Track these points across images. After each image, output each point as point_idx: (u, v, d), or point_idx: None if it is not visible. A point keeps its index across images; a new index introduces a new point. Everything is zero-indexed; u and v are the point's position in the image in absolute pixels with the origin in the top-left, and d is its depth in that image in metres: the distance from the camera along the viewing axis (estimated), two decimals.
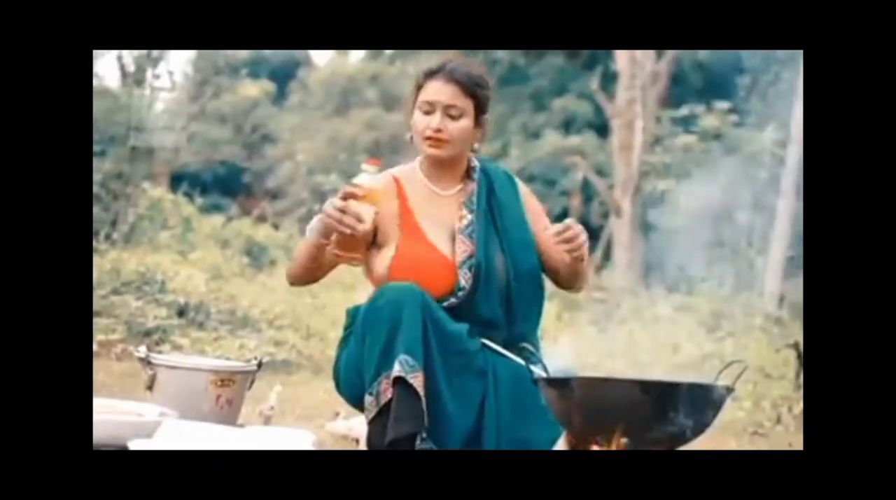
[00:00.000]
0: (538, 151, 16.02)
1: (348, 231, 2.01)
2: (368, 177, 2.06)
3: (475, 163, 2.32)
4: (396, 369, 1.99)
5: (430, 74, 2.21)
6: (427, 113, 2.19)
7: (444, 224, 2.24)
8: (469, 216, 2.25)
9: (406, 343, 2.01)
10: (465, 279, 2.18)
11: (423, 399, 2.00)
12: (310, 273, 2.22)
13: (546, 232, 2.21)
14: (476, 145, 2.28)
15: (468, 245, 2.21)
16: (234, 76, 13.50)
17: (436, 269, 2.18)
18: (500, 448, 2.08)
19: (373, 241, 2.22)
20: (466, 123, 2.20)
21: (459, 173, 2.30)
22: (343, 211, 2.01)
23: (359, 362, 2.10)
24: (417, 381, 2.00)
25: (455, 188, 2.29)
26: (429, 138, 2.19)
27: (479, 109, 2.23)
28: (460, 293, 2.17)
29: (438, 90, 2.18)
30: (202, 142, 13.54)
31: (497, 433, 2.10)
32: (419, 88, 2.22)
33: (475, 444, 2.09)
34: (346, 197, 2.02)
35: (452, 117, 2.18)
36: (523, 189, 2.38)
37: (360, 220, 2.02)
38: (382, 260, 2.20)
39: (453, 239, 2.23)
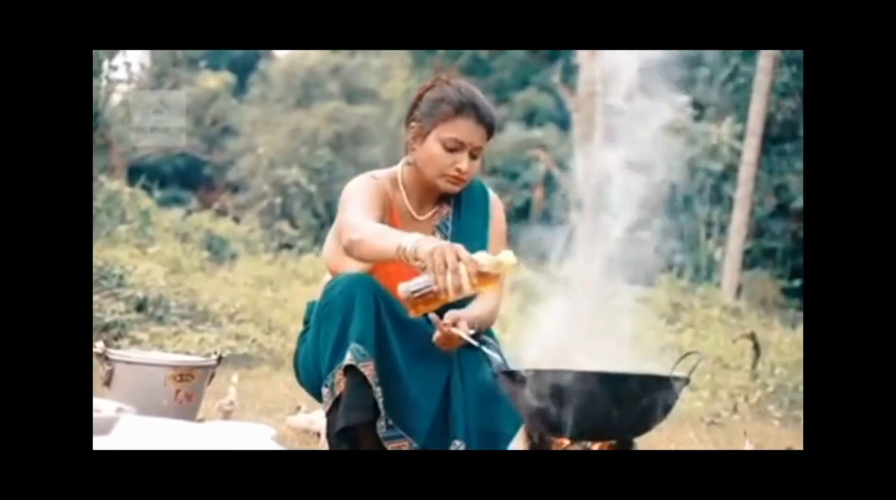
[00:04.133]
0: (500, 144, 16.08)
1: (435, 287, 1.80)
2: (492, 263, 1.84)
3: None
4: (348, 358, 1.99)
5: (460, 110, 2.11)
6: (452, 150, 2.10)
7: None
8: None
9: (358, 332, 2.00)
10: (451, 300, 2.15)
11: (378, 388, 2.00)
12: (365, 257, 2.03)
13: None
14: None
15: None
16: (193, 68, 13.34)
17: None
18: (469, 434, 2.08)
19: None
20: (480, 160, 2.18)
21: (439, 197, 2.24)
22: (450, 268, 1.78)
23: (316, 354, 2.09)
24: (368, 369, 2.00)
25: (431, 211, 2.24)
26: (450, 176, 2.13)
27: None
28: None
29: (471, 132, 2.11)
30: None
31: (465, 416, 2.10)
32: (443, 119, 2.11)
33: (443, 429, 2.09)
34: (461, 260, 1.80)
35: (473, 157, 2.13)
36: (495, 210, 2.29)
37: (457, 290, 1.79)
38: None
39: None
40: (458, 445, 2.07)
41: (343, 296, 2.03)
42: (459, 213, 2.24)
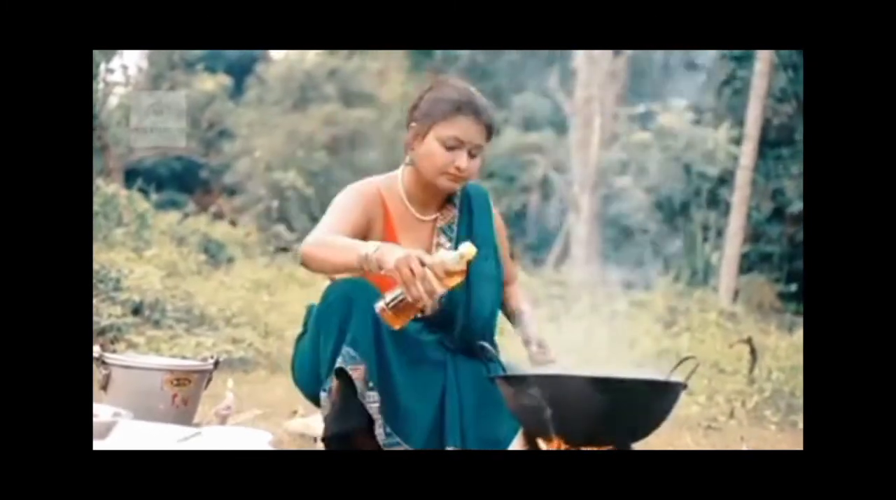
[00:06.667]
0: (498, 148, 16.10)
1: (409, 298, 1.84)
2: (454, 259, 1.88)
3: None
4: (338, 361, 2.00)
5: (459, 109, 2.12)
6: (451, 148, 2.12)
7: (419, 246, 2.19)
8: (449, 245, 2.21)
9: (353, 337, 2.00)
10: (430, 307, 2.14)
11: (372, 392, 2.01)
12: (327, 272, 2.09)
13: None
14: None
15: None
16: (190, 70, 13.32)
17: None
18: (465, 443, 2.08)
19: None
20: (481, 159, 2.18)
21: (443, 199, 2.25)
22: (418, 276, 1.81)
23: (314, 359, 2.09)
24: (357, 373, 2.00)
25: (434, 214, 2.24)
26: (449, 174, 2.13)
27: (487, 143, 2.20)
28: (420, 315, 2.14)
29: (469, 129, 2.12)
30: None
31: (461, 424, 2.09)
32: (443, 117, 2.12)
33: (439, 437, 2.09)
34: (425, 265, 1.83)
35: (473, 156, 2.14)
36: (495, 212, 2.33)
37: (430, 294, 1.83)
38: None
39: None
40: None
41: (340, 302, 2.03)
42: (467, 217, 2.25)
